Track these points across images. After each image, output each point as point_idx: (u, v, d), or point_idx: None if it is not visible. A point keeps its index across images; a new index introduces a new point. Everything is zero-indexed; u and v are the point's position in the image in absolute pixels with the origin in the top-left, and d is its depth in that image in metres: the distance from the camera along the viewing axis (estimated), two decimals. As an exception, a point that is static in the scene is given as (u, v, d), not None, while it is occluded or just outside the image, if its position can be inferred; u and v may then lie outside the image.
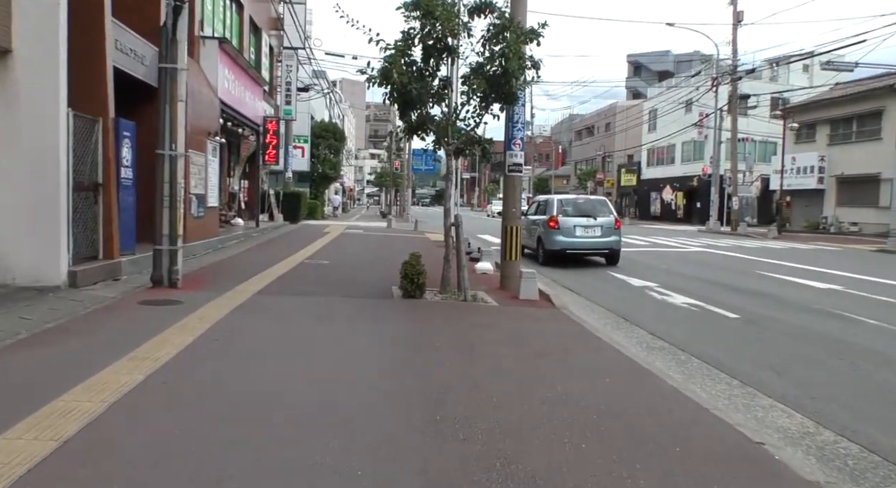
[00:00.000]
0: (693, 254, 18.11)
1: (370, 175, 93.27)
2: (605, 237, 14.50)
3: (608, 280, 12.27)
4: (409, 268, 8.62)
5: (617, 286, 11.46)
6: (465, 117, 9.24)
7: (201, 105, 13.31)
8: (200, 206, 13.39)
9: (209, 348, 5.44)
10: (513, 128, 10.11)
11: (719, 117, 38.68)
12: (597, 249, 14.71)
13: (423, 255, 9.19)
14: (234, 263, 11.87)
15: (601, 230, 14.47)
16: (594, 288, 11.20)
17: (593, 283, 11.77)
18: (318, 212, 34.83)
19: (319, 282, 9.87)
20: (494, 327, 7.11)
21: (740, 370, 5.99)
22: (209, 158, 14.00)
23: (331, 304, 7.99)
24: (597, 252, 14.91)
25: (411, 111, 9.04)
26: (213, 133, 14.03)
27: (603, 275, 13.01)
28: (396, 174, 53.35)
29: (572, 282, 11.76)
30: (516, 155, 10.14)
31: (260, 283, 9.29)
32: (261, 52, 22.36)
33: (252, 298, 8.01)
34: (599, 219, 14.53)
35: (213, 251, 13.60)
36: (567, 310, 8.57)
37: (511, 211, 10.18)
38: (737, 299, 10.03)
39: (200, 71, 14.23)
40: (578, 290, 10.84)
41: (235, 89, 16.61)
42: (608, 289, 11.05)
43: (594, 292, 10.67)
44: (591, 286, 11.42)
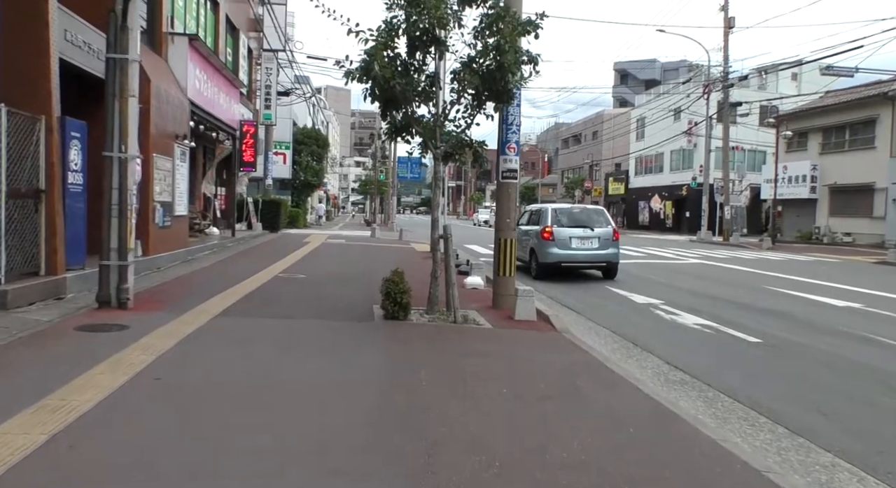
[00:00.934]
0: (691, 267, 17.28)
1: (355, 182, 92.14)
2: (603, 249, 13.59)
3: (608, 296, 11.36)
4: (392, 286, 7.66)
5: (619, 303, 10.56)
6: (454, 118, 8.34)
7: (168, 106, 12.29)
8: (167, 215, 12.34)
9: (143, 392, 4.44)
10: (507, 130, 9.21)
11: (709, 125, 38.18)
12: (594, 262, 13.80)
13: (407, 269, 8.30)
14: (200, 278, 10.84)
15: (598, 242, 13.57)
16: (595, 306, 10.29)
17: (593, 300, 10.86)
18: (299, 220, 33.76)
19: (293, 300, 8.87)
20: (490, 356, 6.17)
21: (781, 412, 5.07)
22: (177, 163, 12.97)
23: (303, 329, 7.00)
24: (594, 265, 14.01)
25: (395, 110, 8.11)
26: (181, 136, 13.01)
27: (602, 290, 12.11)
28: (381, 182, 52.40)
29: (570, 299, 10.85)
30: (511, 160, 9.23)
31: (225, 302, 8.28)
32: (238, 54, 21.37)
33: (212, 322, 7.01)
34: (597, 229, 13.65)
35: (180, 263, 12.56)
36: (569, 333, 7.65)
37: (505, 221, 9.25)
38: (751, 319, 9.15)
39: (168, 70, 13.23)
40: (578, 309, 9.92)
41: (208, 90, 15.60)
42: (610, 308, 10.14)
43: (595, 311, 9.76)
44: (591, 304, 10.51)
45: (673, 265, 17.67)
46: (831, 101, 32.62)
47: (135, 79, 7.29)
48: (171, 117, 12.48)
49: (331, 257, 16.00)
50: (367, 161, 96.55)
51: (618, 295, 11.44)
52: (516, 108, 9.18)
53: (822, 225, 32.42)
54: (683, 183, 45.39)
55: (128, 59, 7.15)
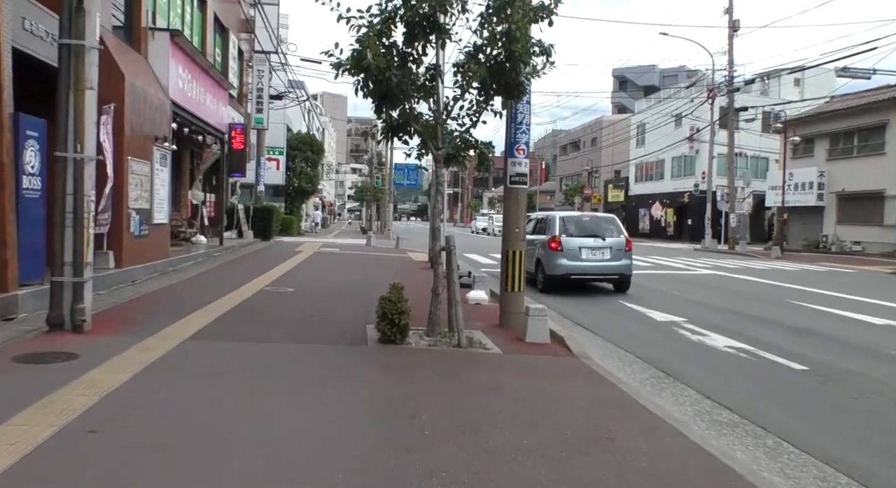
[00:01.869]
0: (705, 278, 16.36)
1: (351, 189, 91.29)
2: (615, 261, 12.60)
3: (624, 313, 10.44)
4: (388, 305, 6.72)
5: (637, 321, 9.63)
6: (458, 115, 7.43)
7: (146, 106, 11.36)
8: (144, 223, 11.39)
9: (67, 454, 3.48)
10: (516, 130, 8.30)
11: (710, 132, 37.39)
12: (605, 275, 12.79)
13: (405, 282, 7.37)
14: (177, 292, 9.89)
15: (611, 252, 12.58)
16: (611, 324, 9.37)
17: (608, 317, 9.93)
18: (293, 228, 32.82)
19: (277, 319, 7.92)
20: (503, 391, 5.23)
21: (866, 468, 4.15)
22: (156, 167, 12.03)
23: (284, 357, 6.05)
24: (606, 278, 13.01)
25: (391, 107, 7.19)
26: (161, 138, 12.08)
27: (615, 305, 11.19)
28: (377, 188, 51.54)
29: (583, 316, 9.92)
30: (520, 162, 8.32)
31: (199, 322, 7.33)
32: (228, 55, 20.48)
33: (180, 348, 6.06)
34: (608, 239, 12.66)
35: (159, 275, 11.60)
36: (589, 359, 6.72)
37: (513, 231, 8.33)
38: (787, 340, 8.24)
39: (148, 68, 12.31)
40: (594, 328, 8.99)
41: (193, 91, 14.68)
42: (629, 326, 9.21)
43: (613, 330, 8.83)
44: (607, 321, 9.58)
45: (684, 276, 16.75)
46: (838, 105, 31.83)
47: (93, 69, 6.36)
48: (149, 118, 11.55)
49: (323, 268, 15.06)
50: (363, 167, 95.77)
51: (634, 311, 10.51)
52: (526, 106, 8.28)
53: (829, 233, 31.57)
54: (685, 190, 44.54)
55: (84, 46, 6.22)
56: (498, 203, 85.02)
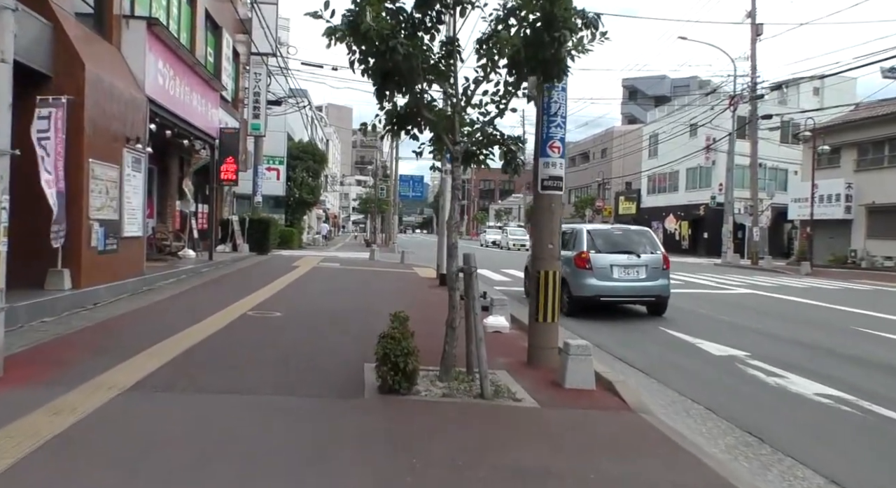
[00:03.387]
0: (744, 299, 14.72)
1: (355, 201, 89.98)
2: (651, 280, 10.99)
3: (670, 343, 8.84)
4: (391, 345, 5.17)
5: (689, 355, 8.03)
6: (480, 102, 5.91)
7: (114, 101, 9.88)
8: (110, 236, 9.87)
9: None
10: (549, 123, 6.76)
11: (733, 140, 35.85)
12: (640, 297, 11.17)
13: (413, 304, 5.82)
14: (143, 318, 8.34)
15: (646, 271, 10.97)
16: (659, 359, 7.77)
17: (653, 350, 8.33)
18: (293, 240, 31.30)
19: (254, 356, 6.35)
20: (552, 477, 3.65)
21: None
22: (128, 172, 10.53)
23: (253, 418, 4.48)
24: (640, 300, 11.38)
25: (396, 89, 5.67)
26: (133, 140, 10.58)
27: (656, 333, 9.59)
28: (382, 200, 50.15)
29: (621, 347, 8.34)
30: (555, 163, 6.77)
31: (153, 362, 5.78)
32: (221, 55, 19.04)
33: (111, 405, 4.51)
34: (643, 256, 11.05)
35: (128, 297, 10.06)
36: (651, 415, 5.15)
37: (546, 247, 6.77)
38: (887, 384, 6.64)
39: (121, 61, 10.86)
40: (640, 364, 7.40)
41: (177, 89, 13.21)
42: (681, 362, 7.61)
43: (665, 369, 7.23)
44: (653, 355, 7.99)
45: (721, 296, 15.13)
46: (867, 114, 30.24)
47: (7, 34, 4.86)
48: (118, 115, 10.07)
49: (320, 286, 13.49)
50: (368, 179, 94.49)
51: (680, 341, 8.92)
52: (562, 93, 6.75)
53: (858, 248, 29.88)
54: (701, 202, 42.98)
55: (-9, 3, 4.72)
56: (505, 215, 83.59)
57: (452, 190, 5.86)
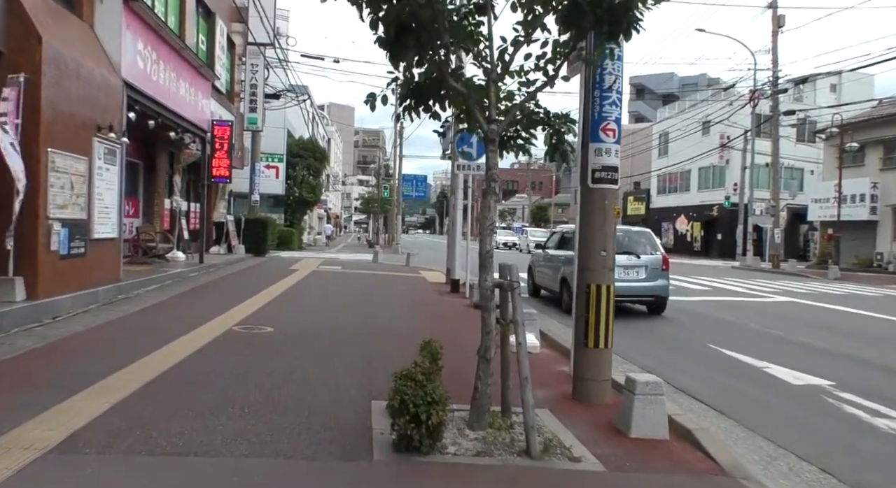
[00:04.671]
0: (787, 309, 13.37)
1: (357, 200, 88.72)
2: (651, 281, 11.06)
3: (732, 367, 7.48)
4: (411, 389, 3.84)
5: (763, 385, 6.66)
6: (521, 69, 4.61)
7: (80, 83, 8.57)
8: (77, 239, 8.56)
9: None
10: (602, 99, 5.43)
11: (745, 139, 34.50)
12: (640, 297, 11.25)
13: (422, 314, 4.55)
14: (106, 336, 7.02)
15: (646, 271, 11.06)
16: (727, 389, 6.43)
17: (715, 376, 6.99)
18: (293, 241, 29.96)
19: (230, 393, 5.02)
20: None
21: None
22: (99, 165, 9.22)
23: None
24: (640, 300, 11.42)
25: (415, 51, 4.35)
26: (106, 128, 9.27)
27: (708, 353, 8.24)
28: (385, 200, 48.89)
29: (673, 371, 6.99)
30: (608, 150, 5.45)
31: (96, 404, 4.46)
32: (214, 43, 17.74)
33: (13, 481, 3.19)
34: (643, 257, 11.14)
35: (97, 308, 8.75)
36: (755, 482, 3.85)
37: (598, 256, 5.44)
38: None
39: (91, 37, 9.56)
40: (707, 396, 6.05)
41: (160, 75, 11.90)
42: (758, 396, 6.26)
43: (741, 403, 5.90)
44: (716, 383, 6.65)
45: (759, 305, 13.77)
46: (892, 110, 28.86)
47: None
48: (87, 100, 8.76)
49: (319, 294, 12.17)
50: (370, 179, 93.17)
51: (743, 364, 7.57)
52: (617, 63, 5.42)
53: (885, 251, 28.49)
54: (714, 202, 41.62)
55: None
56: (509, 216, 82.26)
57: (487, 180, 4.52)
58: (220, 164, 17.35)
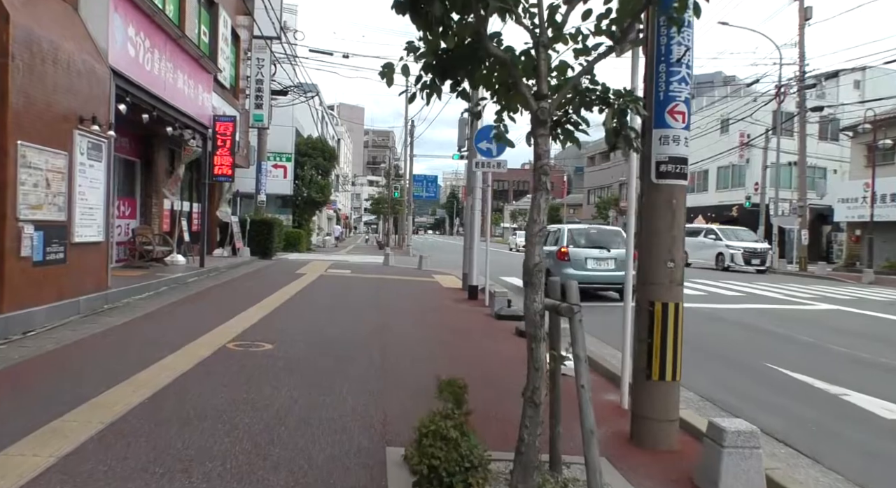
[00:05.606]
0: (834, 318, 12.29)
1: (367, 201, 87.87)
2: (620, 270, 12.19)
3: (802, 394, 6.45)
4: (442, 449, 2.89)
5: (849, 419, 5.62)
6: (578, 31, 3.63)
7: (59, 69, 7.64)
8: (54, 243, 7.63)
9: None
10: (668, 75, 4.45)
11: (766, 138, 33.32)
12: (611, 283, 13.09)
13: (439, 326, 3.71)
14: (73, 357, 6.07)
15: (615, 263, 13.03)
16: (801, 423, 5.40)
17: (786, 405, 5.95)
18: (301, 243, 29.04)
19: (210, 438, 4.06)
20: None
21: None
22: (81, 161, 8.29)
23: None
24: (610, 286, 13.27)
25: (445, 9, 3.37)
26: (89, 120, 8.34)
27: (769, 373, 7.20)
28: (395, 200, 47.98)
29: (733, 398, 5.97)
30: (676, 138, 4.46)
31: (35, 459, 3.51)
32: (217, 35, 16.85)
33: None
34: (613, 250, 13.18)
35: (77, 320, 7.83)
36: None
37: (664, 267, 4.45)
38: None
39: (75, 20, 8.63)
40: (782, 434, 5.02)
41: (155, 64, 10.98)
42: (848, 434, 5.22)
43: (830, 445, 4.88)
44: (792, 415, 5.62)
45: (801, 313, 12.69)
46: (924, 106, 27.61)
47: None
48: (66, 88, 7.84)
49: (326, 302, 11.21)
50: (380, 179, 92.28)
51: (814, 389, 6.52)
52: (687, 31, 4.43)
53: (918, 252, 27.26)
54: (733, 203, 40.40)
55: None
56: (521, 217, 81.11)
57: (537, 175, 3.53)
58: (223, 162, 16.43)
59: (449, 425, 2.95)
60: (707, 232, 28.54)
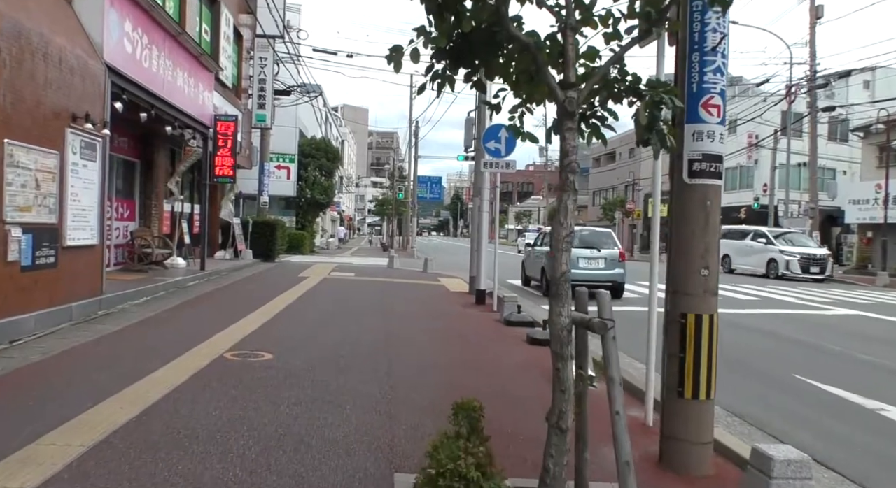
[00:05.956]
0: (857, 324, 11.88)
1: (371, 202, 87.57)
2: (609, 269, 14.06)
3: (827, 406, 6.06)
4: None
5: (885, 437, 5.23)
6: (609, 13, 3.25)
7: (49, 63, 7.30)
8: (44, 247, 7.28)
9: None
10: (701, 67, 4.06)
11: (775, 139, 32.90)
12: (600, 281, 13.22)
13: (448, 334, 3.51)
14: (57, 370, 5.71)
15: (605, 262, 14.07)
16: (839, 441, 5.00)
17: (811, 419, 5.56)
18: (304, 245, 28.70)
19: (200, 465, 3.69)
20: None
21: None
22: (73, 160, 7.94)
23: None
24: (600, 284, 12.67)
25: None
26: (82, 117, 7.99)
27: (800, 386, 6.80)
28: (399, 201, 47.66)
29: (768, 415, 5.57)
30: (712, 133, 4.09)
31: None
32: (219, 33, 16.52)
33: None
34: (603, 250, 14.14)
35: (67, 328, 7.48)
36: None
37: (696, 275, 4.08)
38: None
39: (67, 13, 8.30)
40: (820, 454, 4.63)
41: (153, 61, 10.63)
42: (887, 452, 4.84)
43: (871, 466, 4.49)
44: (821, 431, 5.22)
45: (822, 319, 12.27)
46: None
47: None
48: (58, 84, 7.49)
49: (329, 308, 10.84)
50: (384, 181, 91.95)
51: (846, 403, 6.12)
52: (722, 21, 4.04)
53: (933, 255, 26.76)
54: (741, 204, 39.89)
55: None
56: (525, 218, 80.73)
57: (563, 173, 3.16)
58: (224, 163, 16.09)
59: (469, 463, 2.58)
60: (755, 234, 25.26)
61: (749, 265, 24.41)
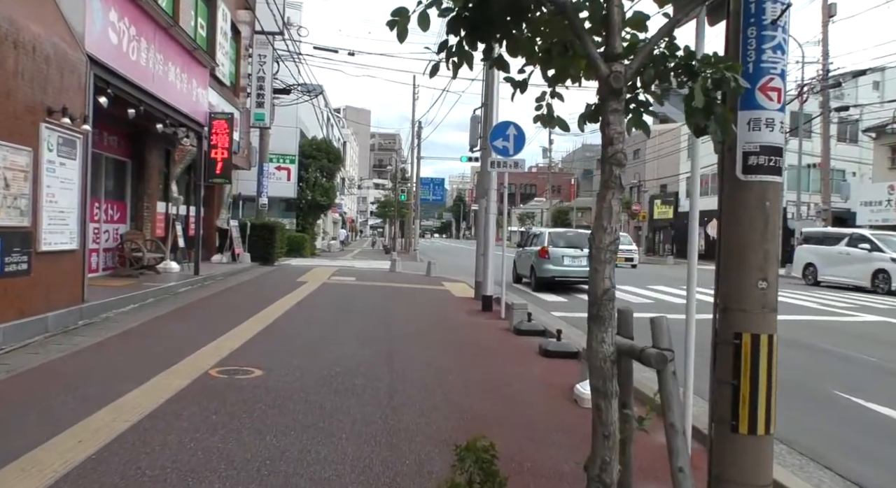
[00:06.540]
0: (886, 331, 11.28)
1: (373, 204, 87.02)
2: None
3: (875, 428, 5.45)
4: None
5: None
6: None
7: (20, 51, 6.70)
8: (15, 252, 6.68)
9: None
10: (758, 43, 3.43)
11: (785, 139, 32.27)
12: (583, 278, 14.03)
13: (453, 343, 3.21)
14: (18, 393, 5.11)
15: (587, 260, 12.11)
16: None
17: (860, 445, 4.95)
18: (305, 248, 28.09)
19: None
20: None
21: None
22: (49, 158, 7.35)
23: None
24: (584, 280, 14.11)
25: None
26: (59, 112, 7.39)
27: (852, 409, 6.18)
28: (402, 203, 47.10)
29: (801, 435, 4.95)
30: (771, 121, 3.45)
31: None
32: (215, 29, 15.93)
33: None
34: (587, 250, 13.02)
35: (40, 340, 6.88)
36: None
37: (752, 288, 3.43)
38: None
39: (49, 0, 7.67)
40: None
41: (142, 54, 10.04)
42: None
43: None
44: (875, 459, 4.61)
45: (850, 327, 11.62)
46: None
47: None
48: (31, 75, 6.90)
49: (327, 316, 10.24)
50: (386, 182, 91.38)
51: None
52: None
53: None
54: (749, 206, 39.20)
55: None
56: (528, 219, 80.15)
57: (608, 165, 2.55)
58: (220, 163, 15.45)
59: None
60: (855, 239, 20.84)
61: (844, 276, 20.36)
